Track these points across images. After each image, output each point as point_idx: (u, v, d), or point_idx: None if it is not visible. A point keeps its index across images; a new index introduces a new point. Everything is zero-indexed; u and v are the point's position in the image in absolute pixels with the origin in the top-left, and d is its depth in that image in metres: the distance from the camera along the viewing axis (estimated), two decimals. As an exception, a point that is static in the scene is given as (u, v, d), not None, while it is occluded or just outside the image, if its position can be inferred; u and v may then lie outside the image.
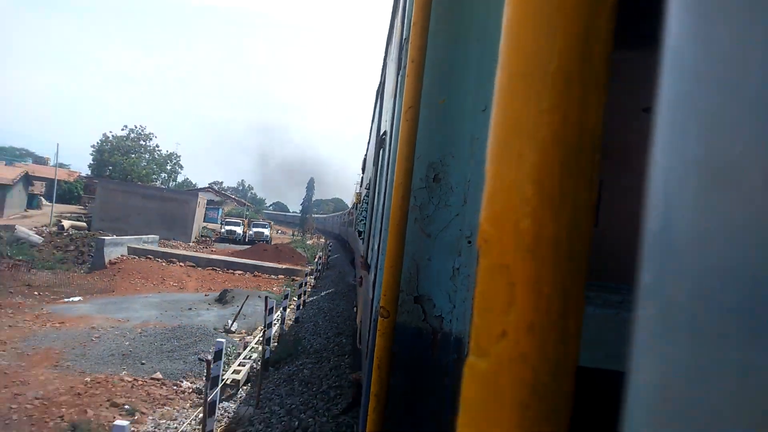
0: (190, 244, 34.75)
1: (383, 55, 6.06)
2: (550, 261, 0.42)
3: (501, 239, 0.44)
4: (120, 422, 3.92)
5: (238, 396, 8.14)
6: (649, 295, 0.34)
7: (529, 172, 0.43)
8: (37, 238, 26.43)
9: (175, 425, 6.88)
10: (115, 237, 25.88)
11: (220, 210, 50.87)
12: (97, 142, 43.83)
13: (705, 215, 0.30)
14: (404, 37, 2.36)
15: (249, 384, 8.21)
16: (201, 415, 6.22)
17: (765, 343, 0.26)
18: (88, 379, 8.99)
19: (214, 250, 33.32)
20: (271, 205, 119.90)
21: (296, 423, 6.50)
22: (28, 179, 41.78)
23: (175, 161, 47.52)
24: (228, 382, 8.04)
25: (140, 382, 8.95)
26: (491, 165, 0.46)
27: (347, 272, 17.86)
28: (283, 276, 24.45)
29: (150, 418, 7.58)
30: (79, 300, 17.25)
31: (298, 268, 26.27)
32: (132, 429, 5.30)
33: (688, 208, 0.31)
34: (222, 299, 17.98)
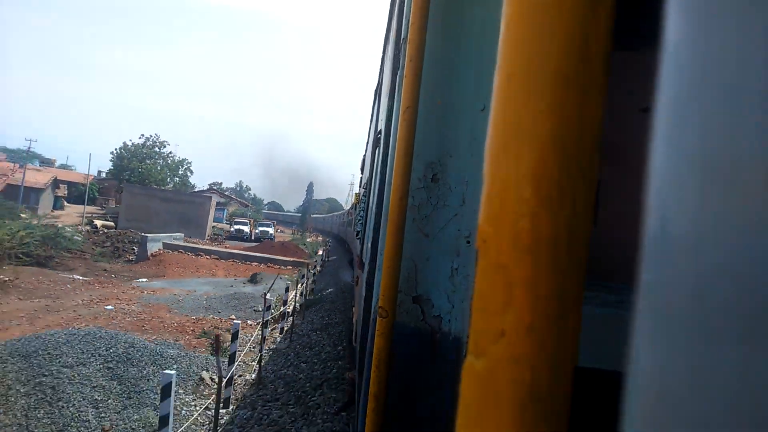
0: (205, 241, 39.34)
1: (381, 55, 6.06)
2: (548, 261, 0.42)
3: (499, 239, 0.44)
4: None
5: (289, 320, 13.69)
6: (648, 294, 0.34)
7: (528, 172, 0.43)
8: (78, 236, 29.50)
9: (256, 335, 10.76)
10: (153, 234, 29.87)
11: (225, 211, 55.48)
12: (117, 149, 48.81)
13: (704, 215, 0.30)
14: (402, 36, 2.36)
15: (293, 317, 13.80)
16: (270, 329, 11.41)
17: (765, 343, 0.26)
18: (193, 318, 14.91)
19: (227, 246, 38.10)
20: (266, 205, 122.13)
21: (326, 320, 13.52)
22: (55, 183, 47.43)
23: (186, 166, 52.74)
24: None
25: (224, 321, 14.70)
26: (489, 165, 0.46)
27: (344, 266, 22.47)
28: (291, 267, 28.74)
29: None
30: (146, 280, 22.62)
31: (303, 260, 30.43)
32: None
33: (687, 207, 0.31)
34: (253, 280, 23.43)
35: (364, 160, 10.54)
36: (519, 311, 0.42)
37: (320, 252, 33.19)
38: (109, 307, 15.68)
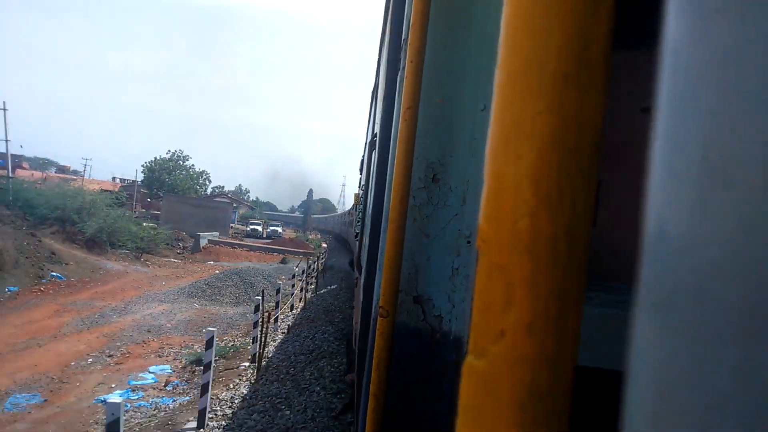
0: (229, 238, 49.33)
1: (377, 57, 6.04)
2: (548, 261, 0.42)
3: (499, 239, 0.44)
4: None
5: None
6: (647, 294, 0.34)
7: (528, 172, 0.43)
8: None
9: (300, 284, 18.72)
10: (202, 233, 40.97)
11: (236, 213, 66.51)
12: (148, 162, 59.54)
13: (704, 215, 0.30)
14: (403, 38, 2.36)
15: (324, 273, 24.07)
16: (305, 281, 19.16)
17: (765, 343, 0.26)
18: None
19: (249, 242, 49.16)
20: (263, 205, 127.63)
21: (334, 274, 23.52)
22: (102, 193, 60.38)
23: (205, 177, 65.67)
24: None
25: (280, 278, 21.71)
26: (490, 165, 0.46)
27: (341, 258, 30.66)
28: (302, 256, 37.39)
29: (291, 283, 17.70)
30: (213, 262, 33.49)
31: (311, 251, 41.32)
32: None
33: (687, 207, 0.31)
34: (283, 261, 34.06)
35: (362, 161, 10.52)
36: (519, 311, 0.43)
37: (324, 245, 47.61)
38: (217, 272, 25.39)
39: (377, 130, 3.32)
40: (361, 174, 10.94)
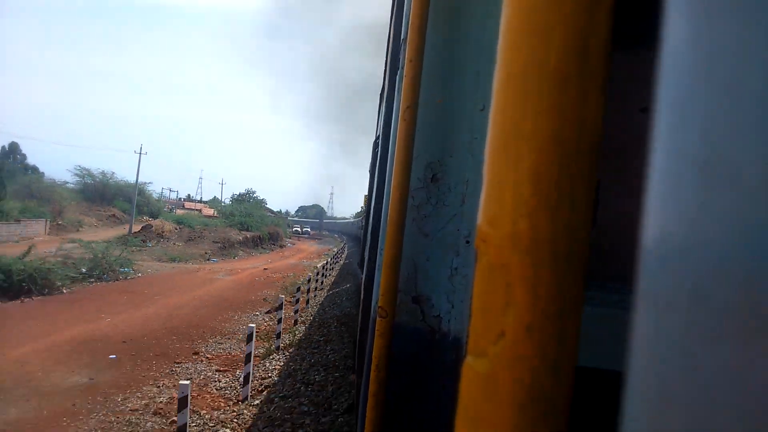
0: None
1: (384, 58, 6.04)
2: (548, 261, 0.42)
3: (499, 239, 0.44)
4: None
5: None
6: (647, 294, 0.34)
7: (528, 173, 0.43)
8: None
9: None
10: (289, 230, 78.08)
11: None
12: (234, 195, 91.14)
13: (703, 215, 0.30)
14: (402, 37, 2.36)
15: (345, 245, 58.95)
16: (339, 250, 48.62)
17: (763, 343, 0.26)
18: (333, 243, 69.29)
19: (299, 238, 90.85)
20: None
21: (352, 248, 44.66)
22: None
23: (263, 203, 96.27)
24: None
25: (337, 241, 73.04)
26: (489, 165, 0.46)
27: (350, 238, 61.22)
28: (329, 238, 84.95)
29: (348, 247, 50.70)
30: (301, 241, 75.59)
31: (332, 237, 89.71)
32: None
33: (686, 207, 0.31)
34: (322, 241, 76.88)
35: (372, 163, 10.52)
36: (519, 311, 0.43)
37: (336, 236, 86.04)
38: (315, 240, 78.89)
39: (381, 128, 3.33)
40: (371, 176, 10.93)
